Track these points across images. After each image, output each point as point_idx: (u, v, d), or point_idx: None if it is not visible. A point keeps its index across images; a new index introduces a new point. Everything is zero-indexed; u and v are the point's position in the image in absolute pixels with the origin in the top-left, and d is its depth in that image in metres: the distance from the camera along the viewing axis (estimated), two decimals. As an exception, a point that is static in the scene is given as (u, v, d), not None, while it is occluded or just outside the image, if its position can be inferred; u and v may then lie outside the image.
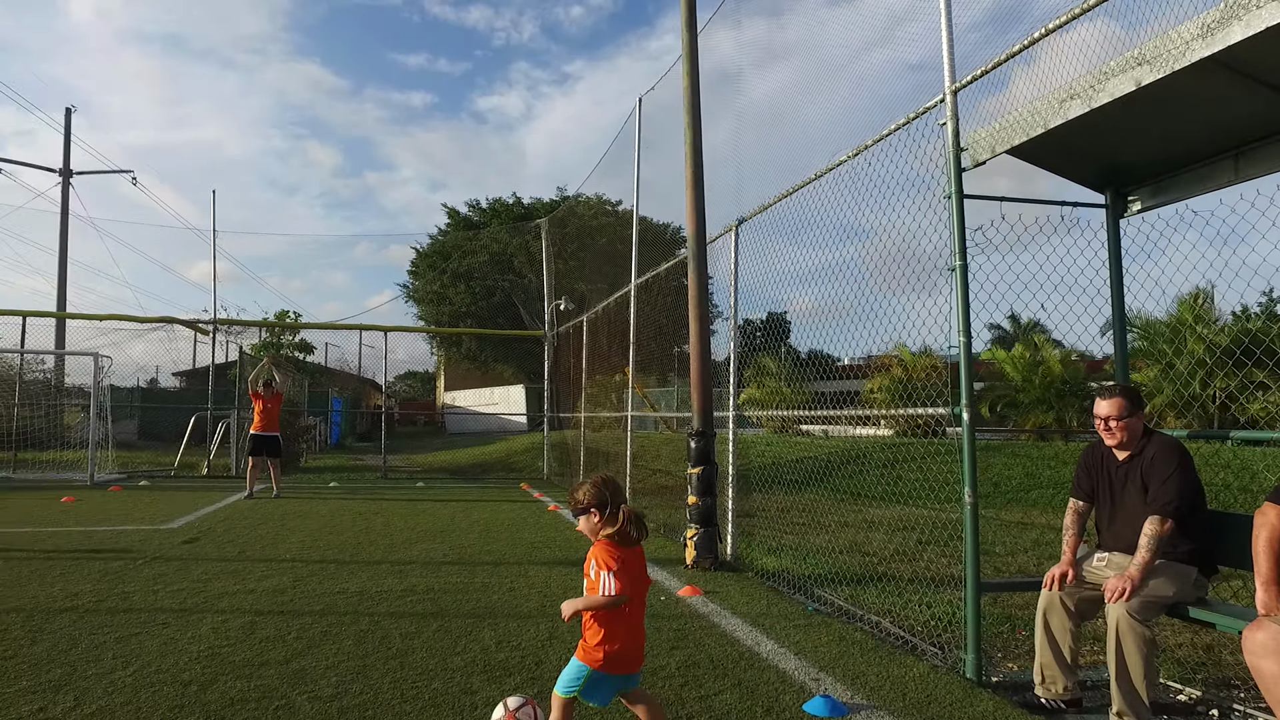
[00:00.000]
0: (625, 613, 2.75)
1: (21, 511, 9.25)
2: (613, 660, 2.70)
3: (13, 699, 3.38)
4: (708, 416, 6.69)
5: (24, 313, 14.89)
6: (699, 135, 7.04)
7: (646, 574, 2.93)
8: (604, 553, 2.75)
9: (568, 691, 2.73)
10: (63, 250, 25.76)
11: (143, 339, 16.07)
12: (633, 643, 2.78)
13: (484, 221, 41.59)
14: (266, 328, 22.85)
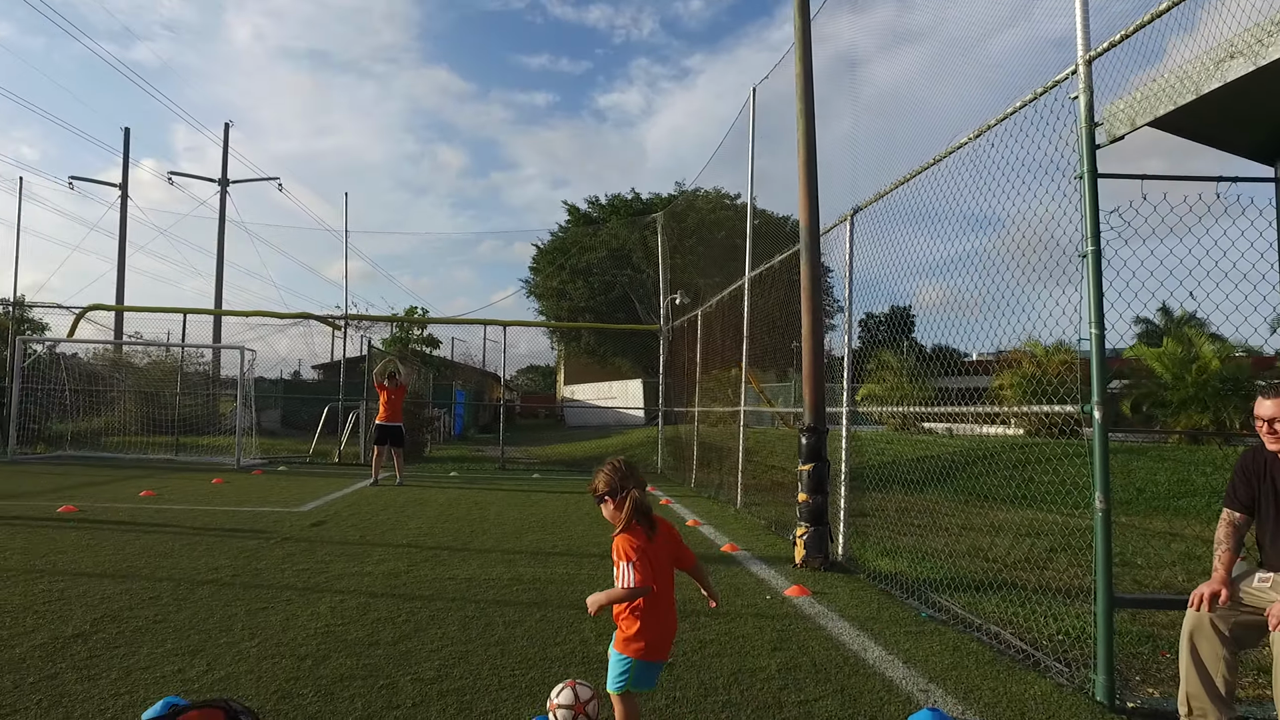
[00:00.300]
0: (658, 601, 2.72)
1: (180, 490, 10.11)
2: (651, 648, 2.70)
3: (159, 659, 3.67)
4: (820, 412, 6.47)
5: (184, 310, 16.30)
6: (812, 122, 6.81)
7: (680, 555, 2.94)
8: (624, 542, 2.73)
9: (619, 688, 2.73)
10: (220, 253, 28.04)
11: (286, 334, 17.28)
12: (667, 629, 2.78)
13: (603, 217, 42.18)
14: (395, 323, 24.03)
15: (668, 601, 2.78)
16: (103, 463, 13.86)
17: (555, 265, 39.97)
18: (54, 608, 4.47)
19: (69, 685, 3.34)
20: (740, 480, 9.70)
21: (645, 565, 2.66)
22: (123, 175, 29.27)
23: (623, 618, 2.74)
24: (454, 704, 3.25)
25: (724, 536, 7.67)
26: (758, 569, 6.18)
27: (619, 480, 2.86)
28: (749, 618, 4.71)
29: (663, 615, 2.75)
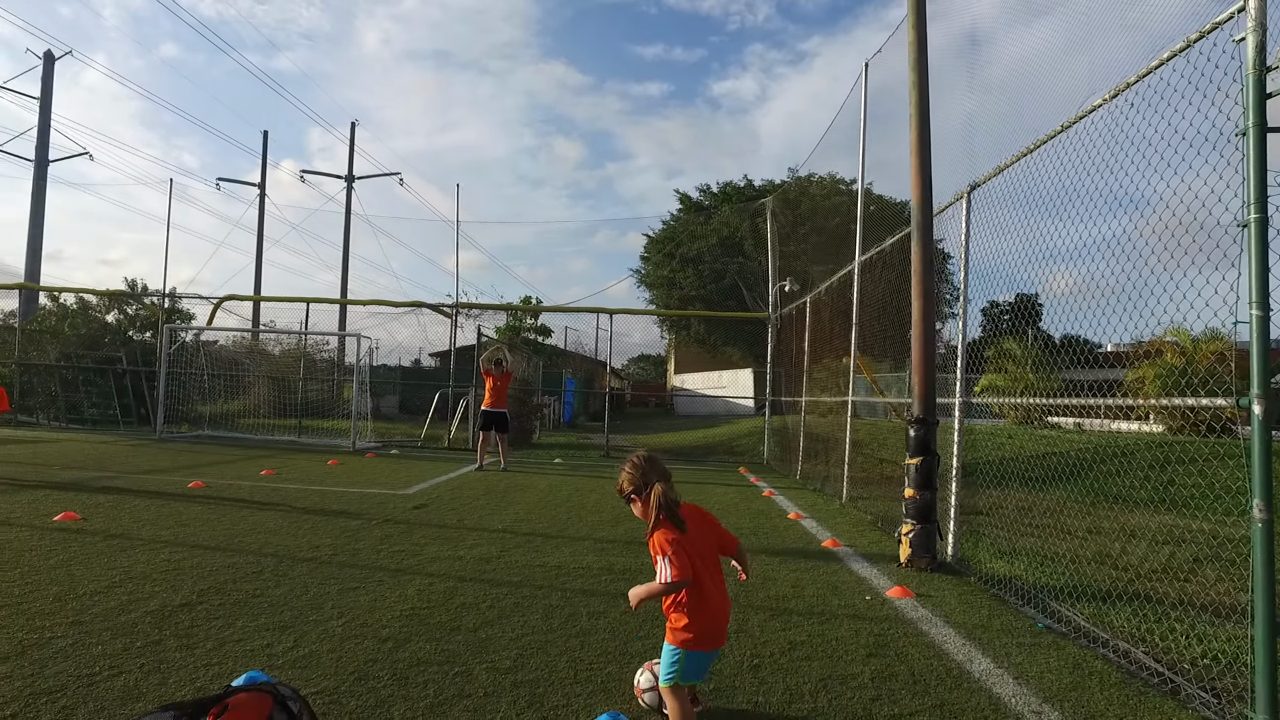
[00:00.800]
0: (702, 590, 2.73)
1: (298, 470, 10.64)
2: (701, 639, 2.72)
3: (252, 632, 3.78)
4: (929, 403, 6.05)
5: (307, 300, 17.23)
6: (925, 95, 6.36)
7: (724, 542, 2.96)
8: (659, 538, 2.75)
9: (669, 681, 2.75)
10: (345, 245, 29.51)
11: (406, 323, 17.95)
12: (717, 618, 2.78)
13: (714, 205, 41.81)
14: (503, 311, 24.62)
15: (715, 590, 2.77)
16: (234, 442, 14.83)
17: (665, 254, 39.94)
18: (169, 577, 4.71)
19: (169, 652, 3.47)
20: (846, 473, 9.29)
21: (681, 557, 2.67)
22: (261, 175, 31.31)
23: (671, 611, 2.77)
24: (525, 696, 3.17)
25: (826, 531, 7.34)
26: (859, 567, 5.85)
27: (641, 477, 2.87)
28: (844, 619, 4.42)
29: (711, 605, 2.75)
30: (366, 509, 7.59)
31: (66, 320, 18.15)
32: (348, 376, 19.27)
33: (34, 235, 26.84)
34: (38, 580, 4.54)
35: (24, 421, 17.01)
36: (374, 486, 9.31)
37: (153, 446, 13.27)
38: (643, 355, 73.75)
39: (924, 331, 6.08)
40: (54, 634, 3.66)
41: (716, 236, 37.73)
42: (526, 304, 34.73)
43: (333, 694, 3.09)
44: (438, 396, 17.75)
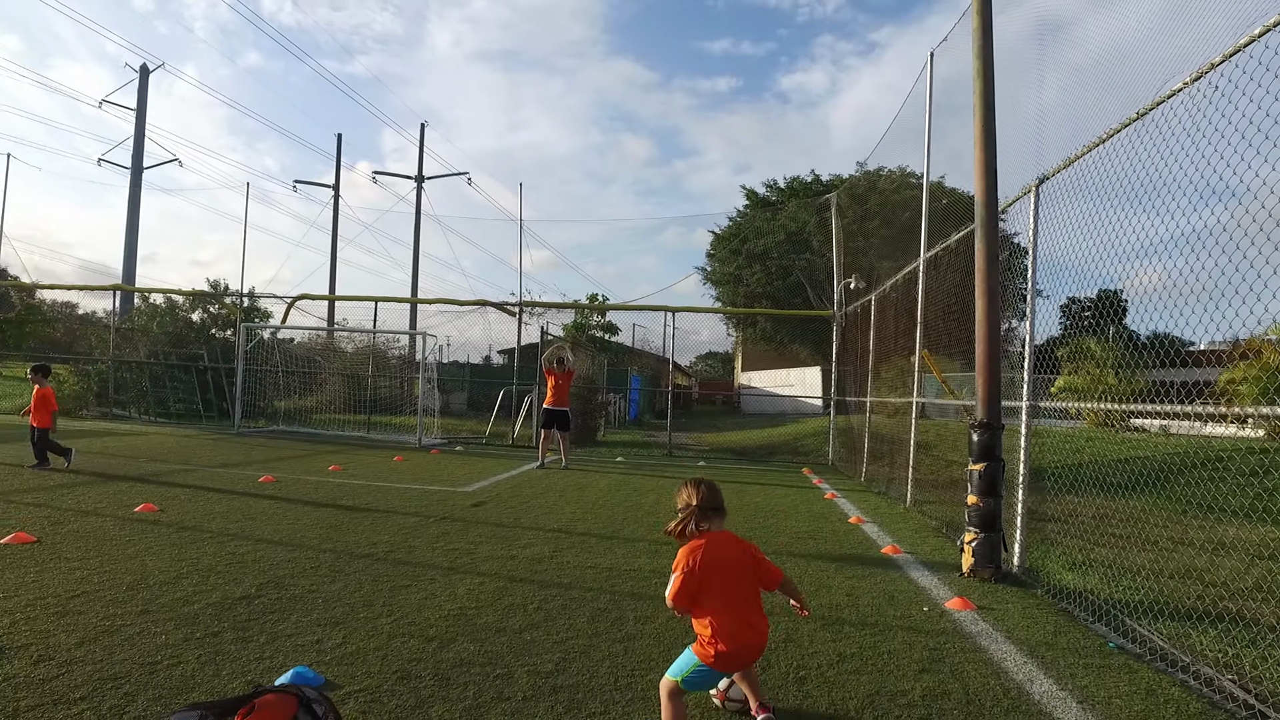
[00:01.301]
0: (734, 613, 2.81)
1: (364, 466, 10.93)
2: (723, 660, 2.79)
3: (304, 628, 3.88)
4: (994, 406, 5.80)
5: (375, 299, 17.69)
6: (990, 85, 6.10)
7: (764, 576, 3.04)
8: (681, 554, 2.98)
9: (676, 678, 2.85)
10: (416, 245, 30.29)
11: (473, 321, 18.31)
12: (742, 644, 2.81)
13: (781, 201, 41.27)
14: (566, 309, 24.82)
15: (742, 619, 2.84)
16: (306, 438, 15.34)
17: (731, 251, 39.63)
18: (232, 570, 4.88)
19: (226, 644, 3.59)
20: (911, 476, 9.02)
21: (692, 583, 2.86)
22: (335, 177, 32.36)
23: (697, 624, 2.90)
24: (564, 701, 3.15)
25: (886, 537, 7.13)
26: (918, 575, 5.66)
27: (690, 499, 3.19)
28: (898, 631, 4.27)
29: (737, 632, 2.81)
30: (426, 506, 7.72)
31: (155, 319, 19.10)
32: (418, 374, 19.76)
33: (130, 239, 28.37)
34: (114, 569, 4.76)
35: (118, 415, 17.97)
36: (435, 483, 9.48)
37: (230, 441, 13.84)
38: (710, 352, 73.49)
39: (988, 332, 5.84)
40: (124, 622, 3.83)
41: (783, 232, 37.24)
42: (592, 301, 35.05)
43: (374, 692, 3.13)
44: (502, 394, 18.01)
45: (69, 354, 20.92)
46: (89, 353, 19.58)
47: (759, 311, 33.04)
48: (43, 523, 6.01)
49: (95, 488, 7.82)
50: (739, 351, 51.96)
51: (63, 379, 19.68)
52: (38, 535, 5.54)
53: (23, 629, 3.68)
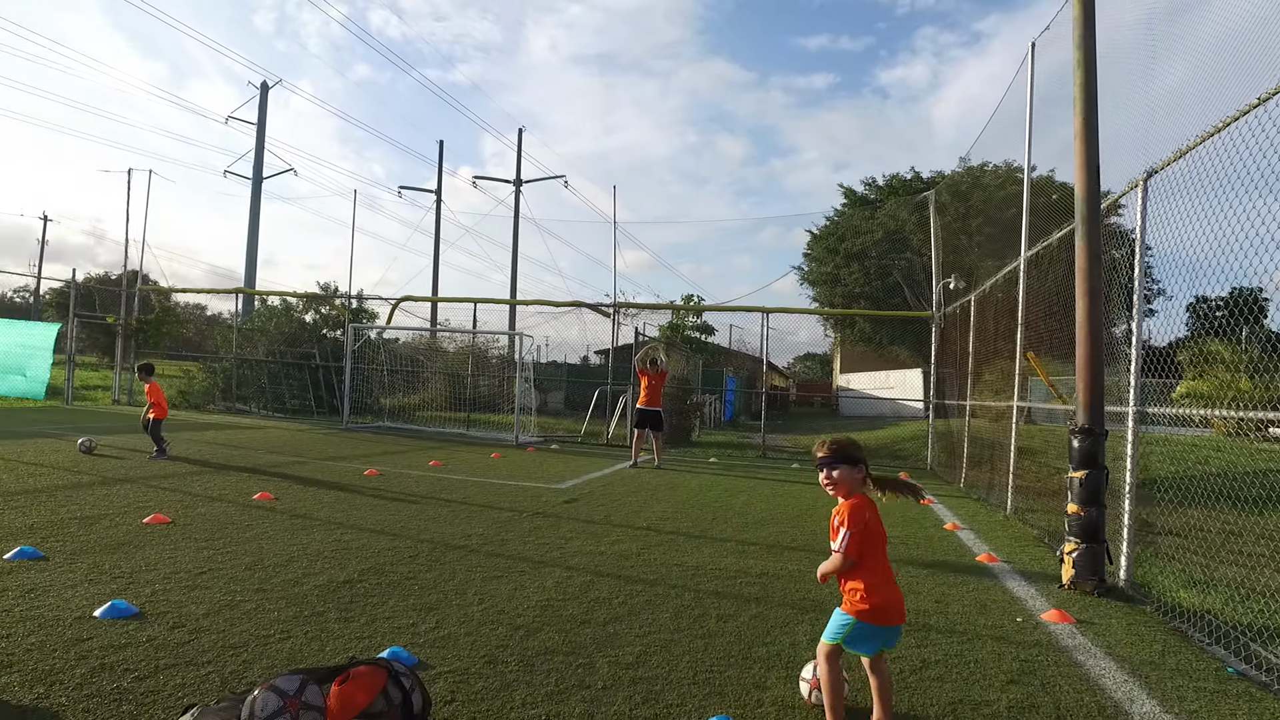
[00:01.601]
0: (885, 570, 2.97)
1: (463, 462, 11.34)
2: (879, 613, 2.87)
3: (402, 611, 4.11)
4: (1096, 411, 5.54)
5: (475, 299, 18.32)
6: (1091, 74, 5.83)
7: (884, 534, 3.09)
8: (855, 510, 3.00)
9: (831, 639, 2.93)
10: (514, 247, 31.09)
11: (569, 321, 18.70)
12: (893, 598, 2.94)
13: (880, 199, 40.27)
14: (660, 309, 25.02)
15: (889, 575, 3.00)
16: (410, 434, 16.02)
17: (829, 250, 38.93)
18: (338, 556, 5.20)
19: (329, 623, 3.84)
20: (1011, 483, 8.68)
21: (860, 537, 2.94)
22: (437, 183, 33.61)
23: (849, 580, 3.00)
24: (642, 691, 3.23)
25: (983, 545, 6.90)
26: (1014, 585, 5.46)
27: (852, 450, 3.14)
28: (988, 640, 4.15)
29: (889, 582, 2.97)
30: (520, 501, 7.97)
31: (273, 320, 20.36)
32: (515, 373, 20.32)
33: (251, 244, 30.32)
34: (235, 550, 5.16)
35: (239, 410, 19.25)
36: (530, 480, 9.76)
37: (339, 436, 14.62)
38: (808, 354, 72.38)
39: (1089, 333, 5.57)
40: (243, 598, 4.15)
41: (882, 231, 36.31)
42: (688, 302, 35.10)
43: (462, 674, 3.30)
44: (597, 393, 18.31)
45: (198, 352, 22.56)
46: (215, 351, 21.07)
47: (855, 312, 32.36)
48: (176, 506, 6.55)
49: (220, 476, 8.44)
50: (837, 352, 51.01)
51: (193, 375, 21.23)
52: (172, 517, 6.05)
53: (160, 598, 4.05)
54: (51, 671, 3.09)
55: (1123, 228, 6.88)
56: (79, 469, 8.32)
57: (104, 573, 4.48)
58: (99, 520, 5.85)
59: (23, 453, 9.41)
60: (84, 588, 4.18)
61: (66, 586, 4.19)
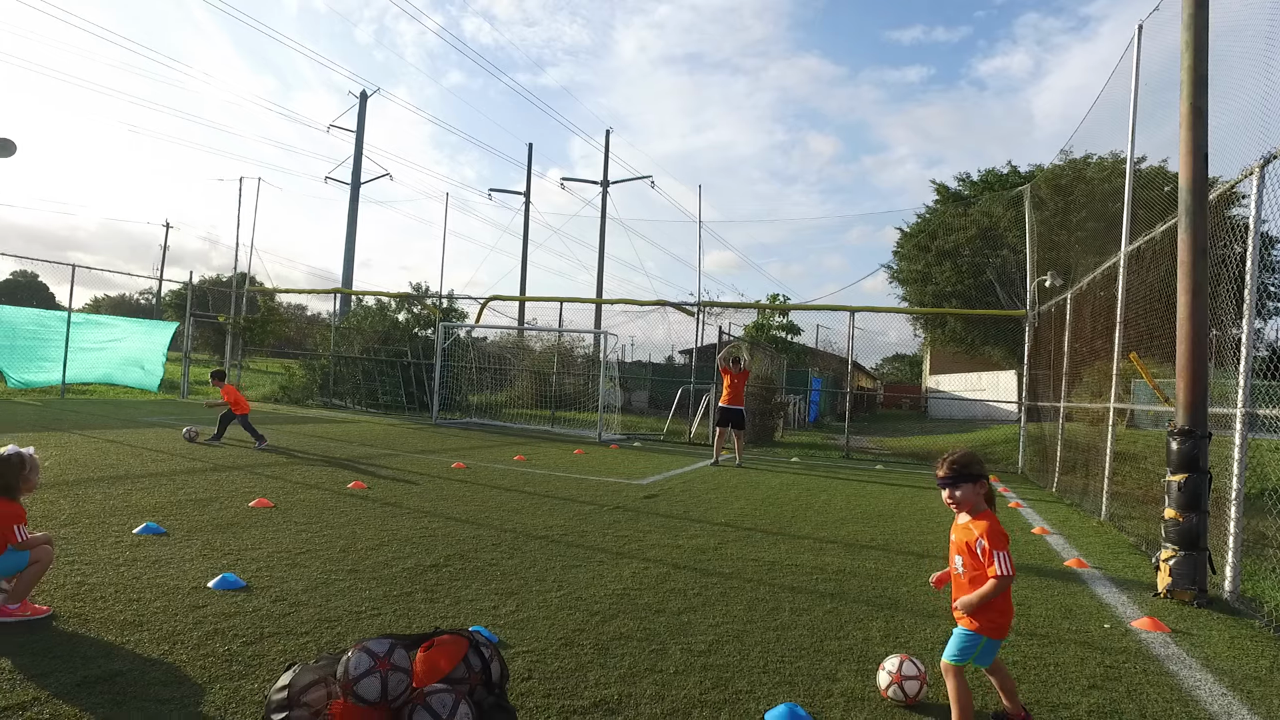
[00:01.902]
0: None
1: (546, 458, 11.61)
2: (1003, 628, 2.98)
3: (484, 595, 4.29)
4: (1197, 413, 5.28)
5: (560, 299, 18.66)
6: (1201, 57, 5.56)
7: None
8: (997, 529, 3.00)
9: (961, 660, 2.96)
10: (601, 247, 31.43)
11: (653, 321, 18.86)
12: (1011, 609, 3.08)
13: (974, 195, 38.93)
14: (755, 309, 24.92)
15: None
16: (496, 430, 16.46)
17: (919, 248, 37.91)
18: (426, 542, 5.45)
19: (416, 603, 4.05)
20: (1106, 488, 8.31)
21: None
22: (526, 185, 34.30)
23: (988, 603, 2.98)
24: (712, 677, 3.30)
25: (1072, 550, 6.66)
26: (1104, 592, 5.26)
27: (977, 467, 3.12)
28: (1071, 645, 4.04)
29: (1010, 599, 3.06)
30: (601, 496, 8.13)
31: (368, 319, 21.27)
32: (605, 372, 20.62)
33: (349, 247, 31.68)
34: (331, 534, 5.47)
35: (336, 405, 20.19)
36: (611, 476, 9.92)
37: (429, 430, 15.16)
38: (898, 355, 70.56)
39: (1191, 331, 5.31)
40: (337, 577, 4.42)
41: (976, 228, 35.08)
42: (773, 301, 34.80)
43: (539, 655, 3.44)
44: (680, 392, 18.40)
45: (299, 350, 23.77)
46: (314, 349, 22.14)
47: (943, 311, 31.45)
48: (278, 492, 6.98)
49: (318, 467, 8.93)
50: (927, 353, 49.65)
51: (293, 372, 22.38)
52: (274, 502, 6.46)
53: (264, 574, 4.36)
54: (174, 632, 3.38)
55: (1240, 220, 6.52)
56: (193, 456, 8.94)
57: (216, 549, 4.84)
58: (211, 502, 6.30)
59: (145, 440, 10.17)
60: (199, 561, 4.53)
61: (185, 560, 4.55)
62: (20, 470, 3.63)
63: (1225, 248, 5.97)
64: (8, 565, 3.47)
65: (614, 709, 2.93)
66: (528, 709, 2.86)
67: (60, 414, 13.17)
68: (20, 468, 3.63)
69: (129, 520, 5.42)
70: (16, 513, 3.53)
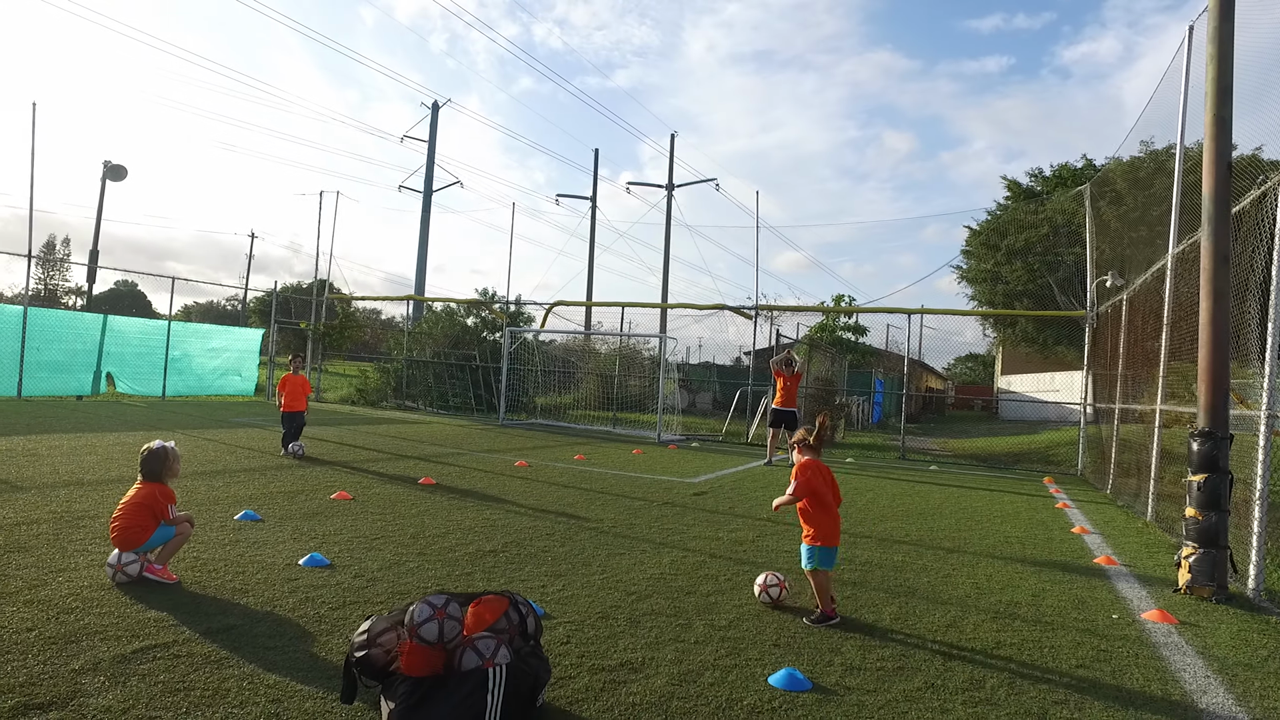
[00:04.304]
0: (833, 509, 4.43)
1: (605, 457, 12.17)
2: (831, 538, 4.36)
3: (535, 576, 4.83)
4: (1217, 414, 5.45)
5: (622, 304, 19.25)
6: (1226, 67, 5.72)
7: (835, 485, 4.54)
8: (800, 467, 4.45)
9: (810, 565, 4.33)
10: (666, 251, 31.98)
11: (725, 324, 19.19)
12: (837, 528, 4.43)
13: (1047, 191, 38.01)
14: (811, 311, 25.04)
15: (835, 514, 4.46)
16: (559, 430, 17.12)
17: (989, 246, 37.22)
18: (487, 530, 6.04)
19: (475, 582, 4.62)
20: (1153, 489, 8.37)
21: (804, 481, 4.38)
22: (592, 190, 35.10)
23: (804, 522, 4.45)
24: (728, 647, 3.75)
25: (1107, 549, 6.83)
26: (1125, 586, 5.49)
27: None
28: (1072, 631, 4.33)
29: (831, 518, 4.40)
30: (652, 493, 8.63)
31: (439, 325, 22.27)
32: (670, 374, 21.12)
33: (421, 253, 33.00)
34: (402, 523, 6.11)
35: (408, 407, 21.23)
36: (665, 474, 10.41)
37: (495, 431, 15.92)
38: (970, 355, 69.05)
39: (1213, 335, 5.49)
40: (408, 559, 5.02)
41: (1048, 225, 34.26)
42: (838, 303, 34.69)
43: (578, 625, 3.95)
44: (738, 394, 18.76)
45: (374, 354, 25.01)
46: (388, 353, 23.28)
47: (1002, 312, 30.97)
48: (356, 486, 7.70)
49: (391, 463, 9.68)
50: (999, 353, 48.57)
51: (368, 375, 23.56)
52: (353, 494, 7.16)
53: (346, 555, 5.01)
54: (274, 598, 4.03)
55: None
56: (279, 453, 9.79)
57: (304, 534, 5.52)
58: (298, 494, 7.05)
59: (237, 439, 11.13)
60: (290, 544, 5.21)
61: (279, 542, 5.24)
62: (165, 460, 4.37)
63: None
64: (160, 536, 4.20)
65: (637, 668, 3.42)
66: (563, 666, 3.37)
67: (163, 415, 14.40)
68: (165, 459, 4.37)
69: (230, 508, 6.17)
70: (169, 494, 4.28)
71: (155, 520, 4.14)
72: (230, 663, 3.19)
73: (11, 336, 15.43)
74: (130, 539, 4.07)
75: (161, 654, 3.22)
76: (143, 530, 4.09)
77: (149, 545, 4.14)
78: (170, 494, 4.28)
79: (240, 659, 3.23)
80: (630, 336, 20.56)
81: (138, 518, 4.10)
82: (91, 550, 4.66)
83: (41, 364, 16.11)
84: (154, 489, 4.21)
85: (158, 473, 4.28)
